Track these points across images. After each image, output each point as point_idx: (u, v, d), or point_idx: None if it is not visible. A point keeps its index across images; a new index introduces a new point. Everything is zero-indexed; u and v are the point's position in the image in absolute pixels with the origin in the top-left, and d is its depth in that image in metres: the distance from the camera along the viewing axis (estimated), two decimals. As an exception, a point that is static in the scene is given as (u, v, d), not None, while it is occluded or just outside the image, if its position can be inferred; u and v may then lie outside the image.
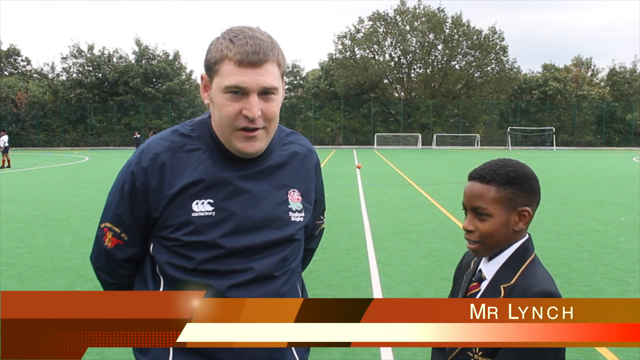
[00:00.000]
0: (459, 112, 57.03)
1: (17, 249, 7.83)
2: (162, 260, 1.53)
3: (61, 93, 56.81)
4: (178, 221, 1.49)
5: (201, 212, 1.48)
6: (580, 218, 10.28)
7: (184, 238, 1.48)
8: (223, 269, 1.50)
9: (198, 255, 1.49)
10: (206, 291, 1.44)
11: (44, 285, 6.04)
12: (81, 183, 17.72)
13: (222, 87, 1.45)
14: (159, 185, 1.50)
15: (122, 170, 1.58)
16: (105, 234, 1.58)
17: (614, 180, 17.98)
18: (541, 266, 1.50)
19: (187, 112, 56.15)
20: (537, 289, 1.38)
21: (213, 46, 1.48)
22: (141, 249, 1.59)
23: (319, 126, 56.09)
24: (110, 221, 1.57)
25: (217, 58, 1.45)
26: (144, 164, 1.50)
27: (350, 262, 6.97)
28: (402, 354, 4.17)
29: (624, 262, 6.93)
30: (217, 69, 1.45)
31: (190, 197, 1.49)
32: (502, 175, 1.50)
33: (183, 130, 1.58)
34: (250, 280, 1.52)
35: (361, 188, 15.77)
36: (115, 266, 1.60)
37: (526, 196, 1.50)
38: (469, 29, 57.31)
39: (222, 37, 1.48)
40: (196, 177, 1.49)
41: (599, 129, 56.81)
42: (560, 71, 58.84)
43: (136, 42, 57.98)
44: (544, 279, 1.43)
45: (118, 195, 1.55)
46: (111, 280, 1.64)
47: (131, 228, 1.55)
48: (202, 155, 1.52)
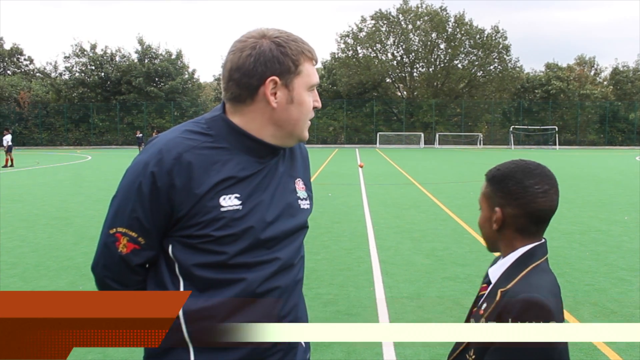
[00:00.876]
0: (462, 111, 56.95)
1: (20, 248, 7.85)
2: (188, 260, 1.52)
3: (64, 92, 56.88)
4: (207, 218, 1.49)
5: (230, 207, 1.50)
6: (583, 217, 10.26)
7: (215, 233, 1.49)
8: (252, 261, 1.54)
9: (229, 249, 1.51)
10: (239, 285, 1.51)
11: (47, 284, 6.05)
12: (84, 182, 17.75)
13: (309, 85, 1.57)
14: (186, 184, 1.48)
15: (134, 172, 1.53)
16: (119, 240, 1.53)
17: (616, 180, 17.95)
18: (544, 273, 1.47)
19: (189, 111, 56.18)
20: (523, 296, 1.36)
21: (284, 49, 1.53)
22: (157, 252, 1.56)
23: (322, 125, 56.03)
24: (125, 225, 1.52)
25: (300, 60, 1.54)
26: (167, 164, 1.48)
27: (353, 261, 6.97)
28: (405, 352, 4.17)
29: (626, 262, 6.92)
30: (301, 70, 1.54)
31: (218, 193, 1.50)
32: (492, 172, 1.57)
33: (198, 128, 1.57)
34: (277, 270, 1.58)
35: (363, 187, 15.77)
36: (129, 272, 1.56)
37: (502, 197, 1.51)
38: (471, 28, 57.19)
39: (282, 40, 1.54)
40: (226, 175, 1.51)
41: (601, 128, 56.68)
42: (563, 70, 58.69)
43: (139, 41, 58.04)
44: (536, 286, 1.40)
45: (134, 198, 1.51)
46: (122, 288, 1.59)
47: (149, 231, 1.52)
48: (224, 152, 1.54)
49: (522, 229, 1.51)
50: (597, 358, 4.07)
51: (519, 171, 1.51)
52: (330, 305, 5.24)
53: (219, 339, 1.49)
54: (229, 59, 1.56)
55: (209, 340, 1.50)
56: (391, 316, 4.96)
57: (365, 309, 5.16)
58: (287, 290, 1.61)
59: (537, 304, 1.35)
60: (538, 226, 1.52)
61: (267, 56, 1.51)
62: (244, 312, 1.52)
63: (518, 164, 1.53)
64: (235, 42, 1.57)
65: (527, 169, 1.52)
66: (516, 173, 1.51)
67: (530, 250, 1.50)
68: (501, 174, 1.52)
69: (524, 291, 1.38)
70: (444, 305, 5.26)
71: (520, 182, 1.50)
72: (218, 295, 1.51)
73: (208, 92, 67.22)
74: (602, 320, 4.85)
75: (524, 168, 1.52)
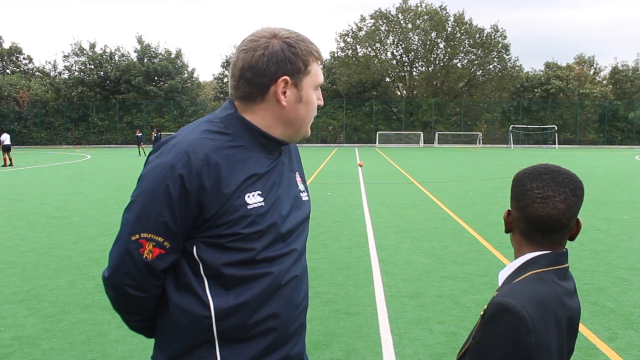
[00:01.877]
0: (461, 111, 56.96)
1: (19, 247, 7.85)
2: (217, 260, 1.51)
3: (63, 91, 56.85)
4: (235, 216, 1.51)
5: (255, 204, 1.55)
6: (582, 216, 10.19)
7: (244, 231, 1.52)
8: (275, 254, 1.59)
9: (257, 245, 1.55)
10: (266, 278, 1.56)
11: (46, 283, 6.05)
12: (83, 181, 17.74)
13: (316, 84, 1.62)
14: (216, 185, 1.49)
15: (158, 175, 1.49)
16: (144, 246, 1.49)
17: (616, 179, 17.96)
18: (540, 283, 1.39)
19: (189, 110, 56.17)
20: (496, 300, 1.33)
21: (295, 49, 1.56)
22: (180, 254, 1.54)
23: (321, 124, 56.02)
24: (150, 231, 1.49)
25: (309, 60, 1.58)
26: (196, 166, 1.47)
27: (352, 260, 6.97)
28: (404, 352, 4.17)
29: (625, 261, 6.92)
30: (310, 70, 1.59)
31: (243, 191, 1.54)
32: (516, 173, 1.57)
33: (216, 127, 1.58)
34: (295, 260, 1.65)
35: (363, 186, 15.76)
36: (151, 278, 1.53)
37: (511, 198, 1.52)
38: (471, 27, 57.20)
39: (293, 40, 1.57)
40: (249, 173, 1.56)
41: (601, 127, 56.70)
42: (563, 69, 58.69)
43: (138, 40, 58.06)
44: (518, 292, 1.34)
45: (162, 201, 1.47)
46: (142, 295, 1.55)
47: (176, 234, 1.50)
48: (245, 151, 1.59)
49: (525, 233, 1.47)
50: (596, 357, 4.07)
51: (529, 174, 1.47)
52: (329, 304, 5.24)
53: (246, 333, 1.55)
54: (241, 57, 1.57)
55: (237, 336, 1.54)
56: (390, 315, 4.96)
57: (364, 308, 5.16)
58: (302, 278, 1.70)
59: (508, 309, 1.28)
60: (543, 234, 1.44)
61: (279, 56, 1.54)
62: (270, 304, 1.57)
63: (535, 167, 1.49)
64: (247, 40, 1.59)
65: (537, 172, 1.46)
66: (525, 175, 1.47)
67: (533, 258, 1.45)
68: (516, 176, 1.51)
69: (503, 295, 1.34)
70: (444, 304, 5.26)
71: (524, 185, 1.46)
72: (247, 291, 1.54)
73: (207, 91, 67.18)
74: (601, 319, 4.85)
75: (534, 171, 1.47)
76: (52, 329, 4.67)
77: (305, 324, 1.77)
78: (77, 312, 5.09)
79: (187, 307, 1.52)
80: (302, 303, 1.69)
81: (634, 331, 4.57)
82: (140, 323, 1.65)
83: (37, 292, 5.75)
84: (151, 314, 1.61)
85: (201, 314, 1.51)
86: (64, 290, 5.80)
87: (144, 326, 1.66)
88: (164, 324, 1.57)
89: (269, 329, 1.58)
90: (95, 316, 4.99)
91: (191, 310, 1.51)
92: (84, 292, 5.71)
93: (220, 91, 60.60)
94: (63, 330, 4.66)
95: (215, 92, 63.25)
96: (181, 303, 1.53)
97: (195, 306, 1.51)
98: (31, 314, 5.05)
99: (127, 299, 1.57)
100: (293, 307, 1.64)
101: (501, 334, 1.28)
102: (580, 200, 1.45)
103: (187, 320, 1.52)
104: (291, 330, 1.65)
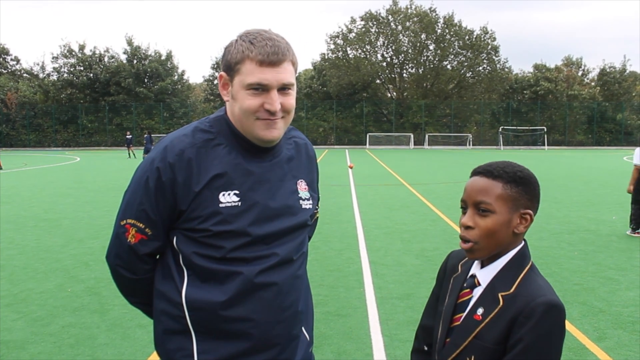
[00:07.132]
0: (451, 112, 57.18)
1: (7, 250, 7.78)
2: (189, 251, 1.61)
3: (52, 93, 56.44)
4: (206, 212, 1.58)
5: (228, 203, 1.59)
6: (571, 217, 10.33)
7: (213, 228, 1.58)
8: (250, 255, 1.62)
9: (227, 244, 1.59)
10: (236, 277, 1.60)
11: (35, 286, 5.99)
12: (72, 184, 17.61)
13: (245, 84, 1.58)
14: (186, 180, 1.58)
15: (143, 168, 1.64)
16: (128, 230, 1.64)
17: (605, 180, 18.09)
18: (540, 274, 1.48)
19: (179, 112, 55.95)
20: (542, 299, 1.35)
21: (233, 48, 1.60)
22: (164, 243, 1.66)
23: (312, 126, 56.03)
24: (133, 217, 1.63)
25: (239, 59, 1.58)
26: (170, 160, 1.58)
27: (343, 262, 6.97)
28: (395, 353, 4.17)
29: (615, 261, 6.97)
30: (239, 68, 1.58)
31: (217, 188, 1.59)
32: (510, 174, 1.46)
33: (202, 126, 1.67)
34: (274, 264, 1.65)
35: (353, 188, 15.78)
36: (138, 261, 1.67)
37: (529, 199, 1.47)
38: (460, 29, 57.45)
39: (241, 39, 1.59)
40: (221, 170, 1.61)
41: (590, 128, 57.14)
42: (551, 71, 59.11)
43: (128, 41, 57.70)
44: (546, 288, 1.41)
45: (142, 191, 1.61)
46: (131, 276, 1.70)
47: (156, 222, 1.62)
48: (224, 150, 1.64)
49: (527, 228, 1.52)
50: (586, 357, 4.09)
51: (532, 173, 1.52)
52: (320, 307, 5.23)
53: (219, 329, 1.61)
54: None
55: (211, 330, 1.61)
56: (381, 317, 4.95)
57: (355, 310, 5.15)
58: (286, 284, 1.69)
59: (556, 306, 1.36)
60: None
61: (223, 53, 1.64)
62: (244, 304, 1.61)
63: (522, 166, 1.52)
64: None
65: (530, 171, 1.55)
66: (533, 174, 1.52)
67: (521, 251, 1.48)
68: (525, 176, 1.48)
69: (541, 294, 1.37)
70: (434, 305, 5.26)
71: (539, 185, 1.53)
72: (219, 286, 1.60)
73: (198, 93, 66.93)
74: (590, 319, 4.88)
75: (528, 170, 1.53)
76: (40, 333, 4.63)
77: (302, 335, 1.76)
78: (66, 316, 5.05)
79: (167, 293, 1.64)
80: (288, 310, 1.68)
81: (623, 331, 4.60)
82: (139, 305, 1.81)
83: (26, 295, 5.69)
84: (147, 298, 1.74)
85: (175, 300, 1.62)
86: (53, 293, 5.75)
87: (143, 308, 1.81)
88: (154, 307, 1.71)
89: (244, 330, 1.62)
90: (84, 319, 4.94)
91: (168, 296, 1.64)
92: (72, 296, 5.66)
93: (211, 93, 60.41)
94: (52, 333, 4.62)
95: (205, 94, 63.04)
96: (163, 288, 1.66)
97: (172, 292, 1.63)
98: (19, 318, 5.00)
99: (121, 279, 1.74)
100: (274, 313, 1.65)
101: (559, 330, 1.37)
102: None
103: (165, 306, 1.65)
104: (272, 336, 1.65)
